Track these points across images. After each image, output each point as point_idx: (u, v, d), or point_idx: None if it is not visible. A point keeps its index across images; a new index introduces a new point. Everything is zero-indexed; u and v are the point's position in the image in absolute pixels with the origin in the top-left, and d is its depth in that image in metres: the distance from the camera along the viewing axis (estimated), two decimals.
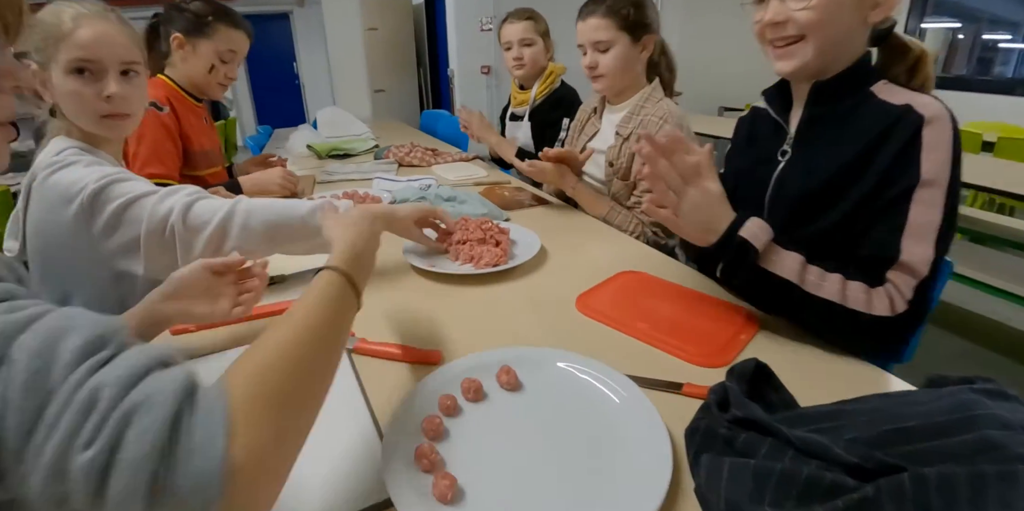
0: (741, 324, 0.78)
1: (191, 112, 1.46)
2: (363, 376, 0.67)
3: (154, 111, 1.32)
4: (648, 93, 1.26)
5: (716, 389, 0.60)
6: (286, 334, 0.40)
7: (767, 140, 0.88)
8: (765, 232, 0.70)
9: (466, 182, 1.63)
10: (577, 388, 0.61)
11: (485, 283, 0.92)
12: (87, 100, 0.87)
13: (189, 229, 0.80)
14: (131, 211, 0.81)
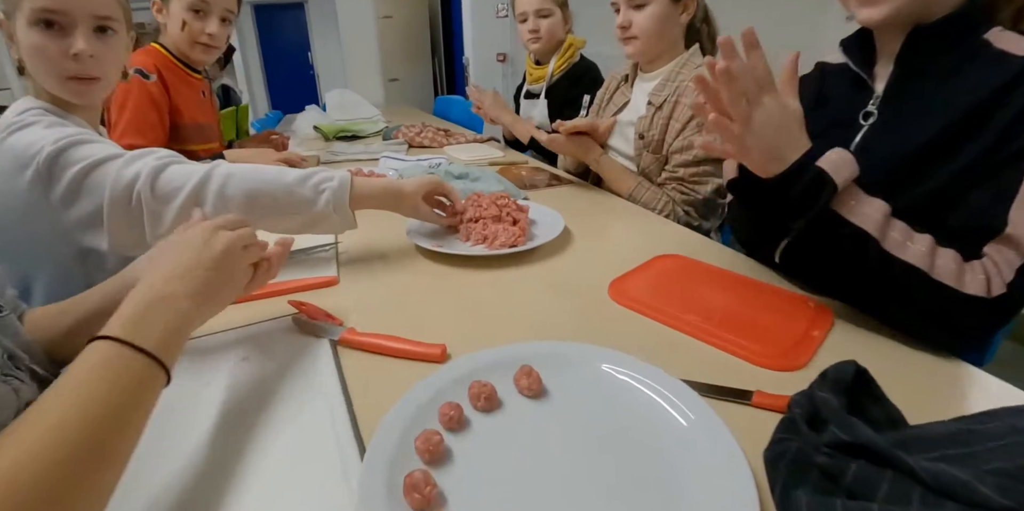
0: (811, 317, 0.64)
1: (185, 83, 1.35)
2: (348, 375, 0.54)
3: (139, 78, 1.22)
4: (686, 59, 1.11)
5: (800, 400, 0.46)
6: (42, 434, 0.31)
7: (844, 100, 0.73)
8: (849, 167, 0.56)
9: (480, 162, 1.49)
10: (618, 396, 0.48)
11: (500, 266, 0.79)
12: (51, 57, 0.75)
13: (158, 198, 0.67)
14: (93, 177, 0.68)
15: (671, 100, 1.07)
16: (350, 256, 0.85)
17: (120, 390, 0.36)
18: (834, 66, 0.77)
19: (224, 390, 0.52)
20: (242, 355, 0.57)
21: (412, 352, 0.55)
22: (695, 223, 1.07)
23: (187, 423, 0.48)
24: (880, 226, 0.55)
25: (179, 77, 1.33)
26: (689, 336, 0.61)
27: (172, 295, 0.44)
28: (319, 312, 0.64)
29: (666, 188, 1.09)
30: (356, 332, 0.59)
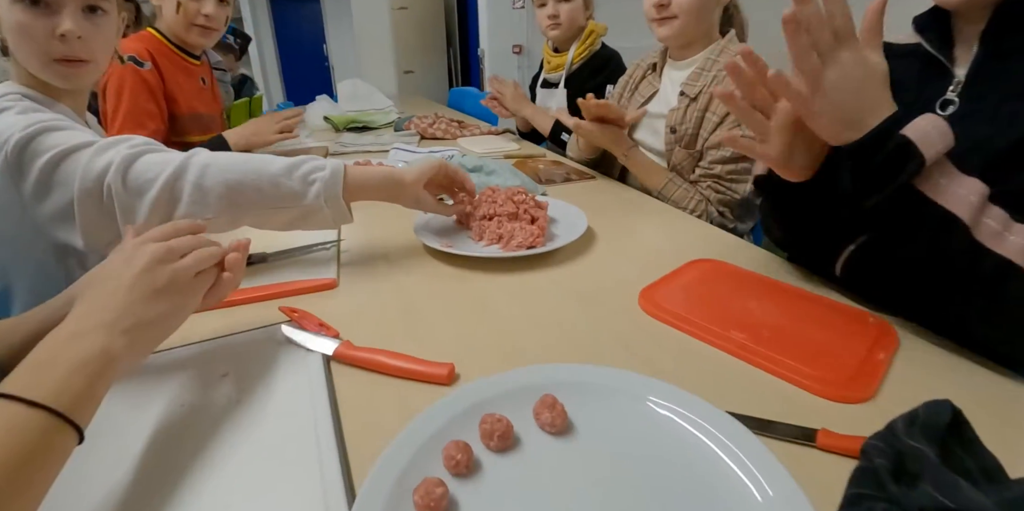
0: (873, 336, 0.55)
1: (181, 70, 1.28)
2: (341, 397, 0.47)
3: (133, 67, 1.15)
4: (722, 45, 1.01)
5: (880, 447, 0.38)
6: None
7: (918, 87, 0.63)
8: (942, 138, 0.47)
9: (495, 155, 1.41)
10: (659, 434, 0.40)
11: (516, 270, 0.71)
12: (36, 38, 0.69)
13: (130, 190, 0.60)
14: (63, 168, 0.62)
15: (707, 91, 0.98)
16: (352, 255, 0.78)
17: (12, 455, 0.30)
18: (901, 47, 0.68)
19: (199, 412, 0.45)
20: (222, 371, 0.50)
21: (416, 372, 0.48)
22: (729, 225, 0.98)
23: (157, 450, 0.41)
24: (974, 211, 0.46)
25: (175, 64, 1.27)
26: (734, 357, 0.53)
27: (83, 332, 0.37)
28: (313, 321, 0.57)
29: (700, 186, 1.00)
30: (353, 346, 0.52)
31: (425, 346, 0.54)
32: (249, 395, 0.47)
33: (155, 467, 0.39)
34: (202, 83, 1.37)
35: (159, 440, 0.42)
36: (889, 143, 0.47)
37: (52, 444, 0.32)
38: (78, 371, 0.34)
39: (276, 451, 0.40)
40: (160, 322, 0.41)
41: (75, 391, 0.33)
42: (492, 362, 0.51)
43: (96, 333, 0.37)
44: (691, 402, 0.41)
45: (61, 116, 0.69)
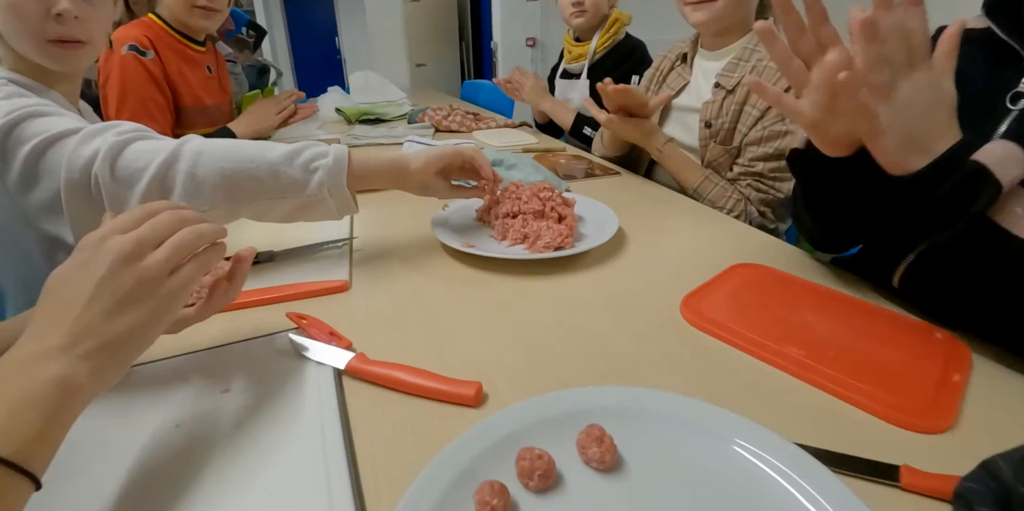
0: (943, 354, 0.49)
1: (184, 59, 1.22)
2: (354, 417, 0.42)
3: (135, 56, 1.09)
4: None
5: (979, 490, 0.32)
6: None
7: (986, 78, 0.57)
8: (1019, 163, 0.42)
9: (513, 148, 1.35)
10: (724, 471, 0.34)
11: (543, 273, 0.65)
12: (30, 17, 0.65)
13: (119, 180, 0.55)
14: (49, 156, 0.57)
15: (745, 83, 0.90)
16: (365, 255, 0.72)
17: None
18: (971, 33, 0.61)
19: (195, 435, 0.40)
20: (223, 386, 0.45)
21: (439, 391, 0.42)
22: (770, 226, 0.91)
23: (145, 478, 0.36)
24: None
25: (178, 53, 1.20)
26: (793, 376, 0.47)
27: (34, 359, 0.30)
28: (323, 329, 0.51)
29: (739, 184, 0.93)
30: (367, 359, 0.46)
31: (446, 359, 0.49)
32: (252, 415, 0.42)
33: (143, 499, 0.34)
34: (208, 72, 1.31)
35: (148, 467, 0.37)
36: (961, 170, 0.42)
37: (4, 500, 0.26)
38: (28, 408, 0.28)
39: (281, 484, 0.35)
40: (129, 338, 0.34)
41: (25, 433, 0.28)
42: (522, 380, 0.46)
43: (50, 360, 0.30)
44: (761, 435, 0.35)
45: (48, 102, 0.64)
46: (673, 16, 1.00)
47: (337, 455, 0.37)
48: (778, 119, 0.87)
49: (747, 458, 0.34)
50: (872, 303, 0.58)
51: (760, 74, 0.89)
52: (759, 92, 0.51)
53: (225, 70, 1.45)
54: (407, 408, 0.43)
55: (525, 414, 0.37)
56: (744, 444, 0.35)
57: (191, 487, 0.35)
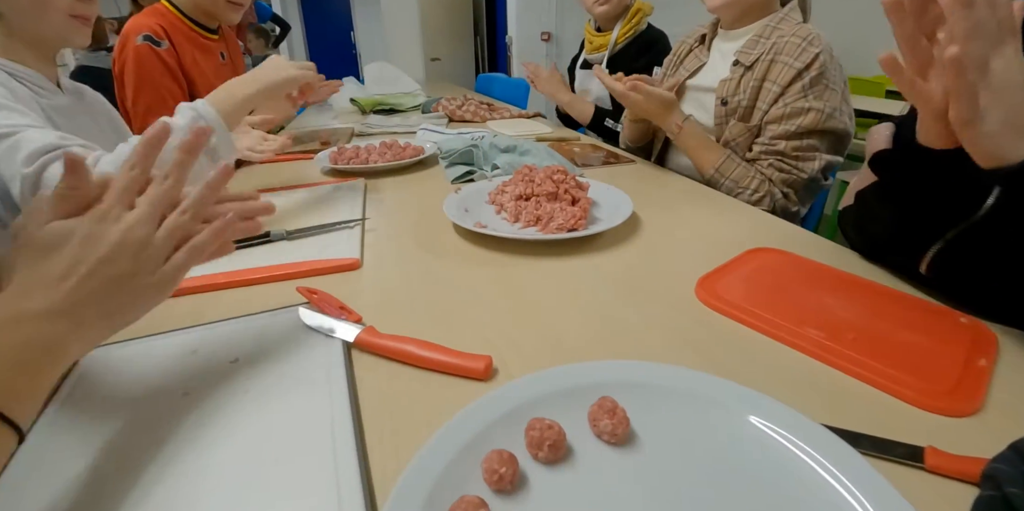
0: (969, 339, 0.48)
1: (199, 48, 1.20)
2: (362, 389, 0.41)
3: (149, 47, 1.08)
4: (784, 13, 0.91)
5: (1008, 472, 0.31)
6: None
7: None
8: None
9: (527, 137, 1.34)
10: (742, 448, 0.33)
11: (556, 254, 0.64)
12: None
13: None
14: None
15: (765, 59, 0.88)
16: (377, 235, 0.72)
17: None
18: None
19: (205, 401, 0.40)
20: (232, 356, 0.45)
21: (448, 365, 0.42)
22: (793, 208, 0.89)
23: (153, 444, 0.36)
24: None
25: (192, 41, 1.19)
26: (812, 358, 0.46)
27: (22, 317, 0.30)
28: (333, 304, 0.51)
29: (760, 164, 0.90)
30: (376, 332, 0.46)
31: (456, 335, 0.48)
32: (260, 384, 0.41)
33: (150, 463, 0.34)
34: (221, 58, 1.31)
35: (156, 433, 0.37)
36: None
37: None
38: (16, 367, 0.29)
39: (286, 452, 0.35)
40: (122, 309, 0.35)
41: (10, 388, 0.28)
42: (533, 356, 0.45)
43: (41, 322, 0.31)
44: (779, 411, 0.34)
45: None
46: (694, 7, 0.98)
47: (344, 424, 0.37)
48: (800, 95, 0.85)
49: (765, 433, 0.33)
50: (895, 288, 0.56)
51: (781, 49, 0.87)
52: (889, 68, 0.44)
53: (239, 56, 1.44)
54: (416, 381, 0.42)
55: (537, 385, 0.36)
56: (761, 419, 0.34)
57: (196, 454, 0.35)
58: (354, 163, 1.03)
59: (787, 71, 0.85)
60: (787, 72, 0.85)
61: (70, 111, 0.78)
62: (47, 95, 0.75)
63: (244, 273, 0.59)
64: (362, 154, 1.07)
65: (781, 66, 0.86)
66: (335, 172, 1.03)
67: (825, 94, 0.84)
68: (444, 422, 0.34)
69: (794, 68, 0.84)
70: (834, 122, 0.85)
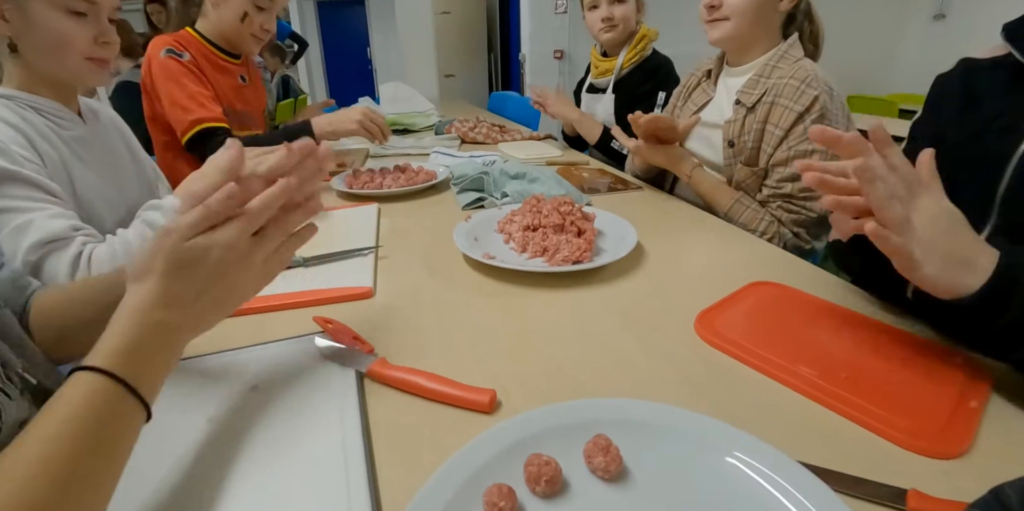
0: (962, 380, 0.49)
1: (219, 70, 1.27)
2: (374, 418, 0.44)
3: (172, 58, 1.16)
4: (783, 51, 0.94)
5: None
6: (19, 473, 0.29)
7: (1001, 100, 0.58)
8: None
9: (537, 161, 1.38)
10: (725, 486, 0.35)
11: (561, 286, 0.67)
12: (80, 42, 0.75)
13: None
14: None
15: (766, 101, 0.91)
16: (390, 262, 0.75)
17: (108, 432, 0.33)
18: (985, 61, 0.62)
19: (225, 428, 0.42)
20: (251, 383, 0.48)
21: (455, 397, 0.44)
22: (805, 246, 0.90)
23: (180, 464, 0.39)
24: None
25: (211, 62, 1.26)
26: (803, 396, 0.48)
27: (170, 326, 0.37)
28: (347, 334, 0.54)
29: (769, 206, 0.92)
30: (388, 364, 0.49)
31: (463, 366, 0.50)
32: (278, 412, 0.44)
33: (172, 484, 0.37)
34: (241, 81, 1.36)
35: (179, 456, 0.40)
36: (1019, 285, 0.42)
37: (135, 428, 0.34)
38: (157, 364, 0.36)
39: (302, 478, 0.37)
40: (230, 300, 0.41)
41: (154, 383, 0.36)
42: (536, 389, 0.47)
43: (177, 333, 0.38)
44: (765, 453, 0.36)
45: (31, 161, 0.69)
46: (699, 29, 1.02)
47: (356, 453, 0.39)
48: (803, 138, 0.87)
49: (744, 471, 0.35)
50: (893, 325, 0.58)
51: (780, 92, 0.90)
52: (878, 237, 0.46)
53: (259, 81, 1.50)
54: (424, 412, 0.45)
55: (535, 421, 0.39)
56: (741, 457, 0.36)
57: (217, 478, 0.38)
58: (368, 187, 1.07)
59: (788, 115, 0.87)
60: (788, 116, 0.87)
61: (89, 140, 0.81)
62: (68, 126, 0.79)
63: (263, 300, 0.62)
64: (376, 178, 1.11)
65: (782, 109, 0.88)
66: (350, 196, 1.07)
67: None
68: (450, 453, 0.36)
69: (795, 112, 0.86)
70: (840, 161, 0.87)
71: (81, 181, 0.76)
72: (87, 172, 0.78)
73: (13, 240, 0.63)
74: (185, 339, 0.39)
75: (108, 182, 0.81)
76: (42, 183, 0.67)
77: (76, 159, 0.77)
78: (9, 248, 0.63)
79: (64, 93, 0.80)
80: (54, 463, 0.30)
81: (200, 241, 0.38)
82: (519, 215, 0.79)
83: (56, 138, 0.75)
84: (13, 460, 0.29)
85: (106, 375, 0.33)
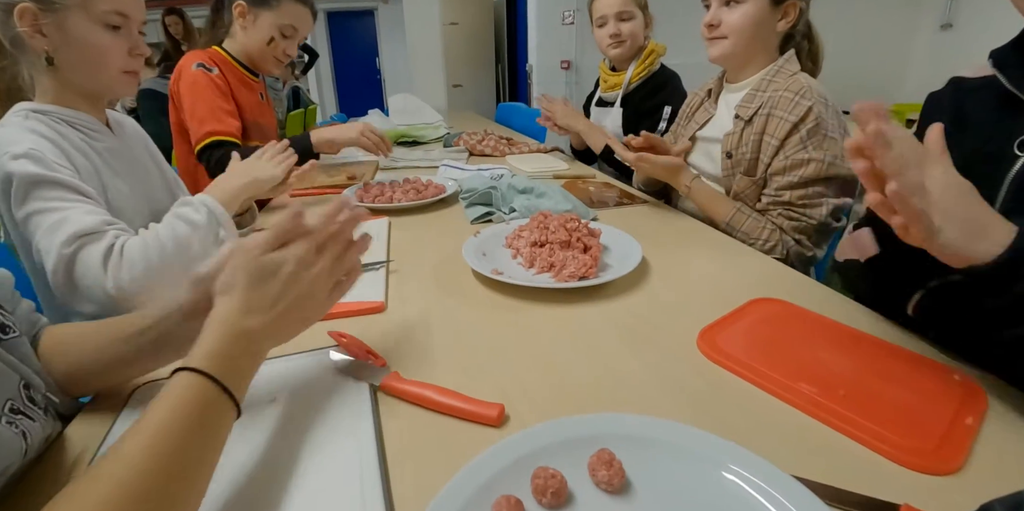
0: (959, 397, 0.50)
1: (244, 85, 1.34)
2: (387, 430, 0.46)
3: (203, 72, 1.22)
4: (779, 66, 0.97)
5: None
6: (126, 467, 0.32)
7: (991, 126, 0.59)
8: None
9: (544, 174, 1.40)
10: (725, 500, 0.37)
11: (568, 301, 0.69)
12: (116, 55, 0.78)
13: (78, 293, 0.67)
14: (34, 234, 0.68)
15: (762, 113, 0.93)
16: (401, 277, 0.77)
17: (207, 431, 0.37)
18: (974, 81, 0.63)
19: (244, 439, 0.44)
20: (271, 396, 0.50)
21: (464, 411, 0.46)
22: (808, 253, 0.92)
23: None
24: None
25: (238, 78, 1.33)
26: (802, 412, 0.49)
27: (252, 333, 0.41)
28: (361, 348, 0.56)
29: (770, 215, 0.94)
30: (401, 378, 0.51)
31: (473, 380, 0.52)
32: (295, 423, 0.46)
33: None
34: (260, 98, 1.43)
35: None
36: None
37: (228, 427, 0.38)
38: (246, 368, 0.41)
39: (320, 489, 0.39)
40: (300, 308, 0.45)
41: (244, 385, 0.40)
42: (542, 404, 0.49)
43: (263, 340, 0.42)
44: (764, 469, 0.38)
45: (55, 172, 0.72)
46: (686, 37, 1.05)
47: (371, 464, 0.41)
48: (800, 147, 0.89)
49: (739, 485, 0.37)
50: (893, 342, 0.59)
51: (776, 104, 0.92)
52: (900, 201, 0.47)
53: (271, 98, 1.57)
54: (435, 425, 0.47)
55: (542, 436, 0.41)
56: (738, 471, 0.38)
57: (237, 488, 0.40)
58: (379, 201, 1.10)
59: (783, 125, 0.90)
60: (783, 126, 0.90)
61: (119, 151, 0.85)
62: (99, 138, 0.82)
63: None
64: (386, 192, 1.14)
65: (777, 120, 0.91)
66: None
67: (825, 143, 0.88)
68: (460, 464, 0.38)
69: (789, 122, 0.89)
70: (837, 169, 0.89)
71: (113, 190, 0.79)
72: (118, 182, 0.81)
73: (49, 236, 0.66)
74: (267, 345, 0.43)
75: (136, 191, 0.85)
76: (76, 186, 0.70)
77: (108, 170, 0.80)
78: (44, 243, 0.66)
79: (96, 105, 0.84)
80: (160, 448, 0.33)
81: (274, 256, 0.44)
82: (527, 231, 0.81)
83: (90, 149, 0.79)
84: (121, 450, 0.33)
85: (202, 375, 0.37)
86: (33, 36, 0.72)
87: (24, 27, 0.71)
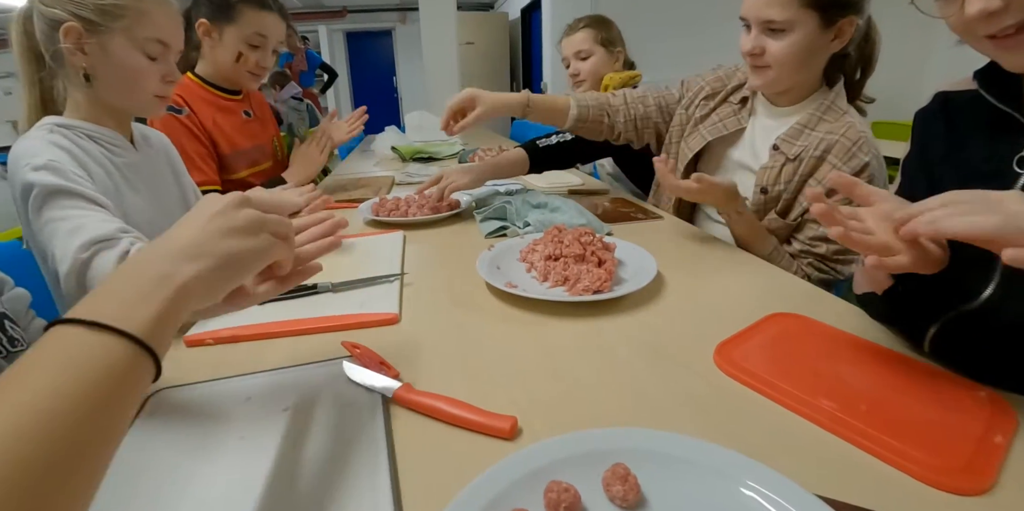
0: (987, 414, 0.49)
1: (221, 110, 1.31)
2: (399, 441, 0.45)
3: (172, 116, 1.19)
4: (830, 102, 0.90)
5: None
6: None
7: (985, 144, 0.58)
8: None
9: (558, 190, 1.41)
10: None
11: (582, 315, 0.68)
12: (151, 79, 0.82)
13: None
14: (50, 243, 0.69)
15: (812, 155, 0.87)
16: (415, 289, 0.77)
17: (94, 383, 0.28)
18: (961, 96, 0.62)
19: (257, 448, 0.44)
20: (283, 405, 0.50)
21: (477, 424, 0.46)
22: (833, 277, 0.90)
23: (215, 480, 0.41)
24: None
25: (212, 103, 1.30)
26: (823, 429, 0.48)
27: (147, 261, 0.36)
28: (374, 358, 0.56)
29: (800, 261, 0.91)
30: (413, 389, 0.50)
31: (486, 392, 0.52)
32: (308, 433, 0.46)
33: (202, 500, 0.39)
34: (245, 116, 1.39)
35: (214, 472, 0.42)
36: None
37: (138, 382, 0.31)
38: (164, 314, 0.33)
39: (329, 497, 0.39)
40: (231, 259, 0.39)
41: (163, 333, 0.33)
42: (556, 417, 0.49)
43: (160, 261, 0.36)
44: (782, 485, 0.37)
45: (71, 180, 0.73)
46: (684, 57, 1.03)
47: (382, 475, 0.41)
48: (844, 201, 0.78)
49: (758, 501, 0.36)
50: (916, 358, 0.58)
51: (830, 149, 0.86)
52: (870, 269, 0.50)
53: (267, 111, 1.53)
54: (448, 437, 0.46)
55: (556, 449, 0.40)
56: (758, 488, 0.37)
57: (247, 497, 0.39)
58: (394, 215, 1.11)
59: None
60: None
61: (139, 167, 0.87)
62: (121, 153, 0.85)
63: (294, 323, 0.65)
64: (402, 206, 1.15)
65: (830, 167, 0.86)
66: (376, 223, 1.11)
67: None
68: (472, 477, 0.38)
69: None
70: None
71: (131, 206, 0.81)
72: (136, 198, 0.83)
73: (65, 241, 0.67)
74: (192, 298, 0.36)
75: (154, 207, 0.87)
76: (93, 197, 0.72)
77: (127, 185, 0.82)
78: (60, 249, 0.67)
79: (122, 122, 0.87)
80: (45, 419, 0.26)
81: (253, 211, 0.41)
82: (541, 244, 0.81)
83: (110, 164, 0.81)
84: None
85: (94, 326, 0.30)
86: (75, 53, 0.75)
87: (68, 44, 0.74)
